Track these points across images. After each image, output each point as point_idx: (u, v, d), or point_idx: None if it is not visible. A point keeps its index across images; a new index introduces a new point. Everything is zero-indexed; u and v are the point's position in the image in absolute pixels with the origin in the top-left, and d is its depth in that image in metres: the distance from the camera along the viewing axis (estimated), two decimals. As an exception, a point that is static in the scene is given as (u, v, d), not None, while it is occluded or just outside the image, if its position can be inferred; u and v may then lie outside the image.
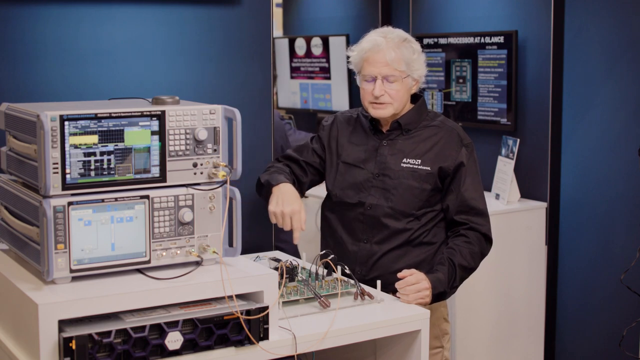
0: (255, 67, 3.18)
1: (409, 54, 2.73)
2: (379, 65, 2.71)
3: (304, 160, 2.89)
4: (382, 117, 2.76)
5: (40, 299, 1.92)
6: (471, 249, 2.69)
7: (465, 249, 2.68)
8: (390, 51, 2.70)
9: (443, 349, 2.82)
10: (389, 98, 2.72)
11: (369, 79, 2.73)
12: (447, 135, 2.78)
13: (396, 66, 2.70)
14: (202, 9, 3.06)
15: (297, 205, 2.63)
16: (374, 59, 2.71)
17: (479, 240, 2.72)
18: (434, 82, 4.69)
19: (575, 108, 4.05)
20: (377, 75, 2.71)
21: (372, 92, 2.72)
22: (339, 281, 2.53)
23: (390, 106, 2.74)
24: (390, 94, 2.72)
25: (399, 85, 2.72)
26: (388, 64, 2.70)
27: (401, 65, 2.71)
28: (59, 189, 2.00)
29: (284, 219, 2.63)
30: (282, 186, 2.70)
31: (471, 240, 2.70)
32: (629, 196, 3.84)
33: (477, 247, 2.71)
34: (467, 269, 2.69)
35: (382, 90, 2.71)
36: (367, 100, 2.76)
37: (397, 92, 2.72)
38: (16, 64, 2.78)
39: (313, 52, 5.84)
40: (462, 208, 2.73)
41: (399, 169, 2.75)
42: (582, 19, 3.99)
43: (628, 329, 3.46)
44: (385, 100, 2.73)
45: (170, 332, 1.98)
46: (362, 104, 2.80)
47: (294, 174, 2.86)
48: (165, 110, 2.12)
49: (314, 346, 2.23)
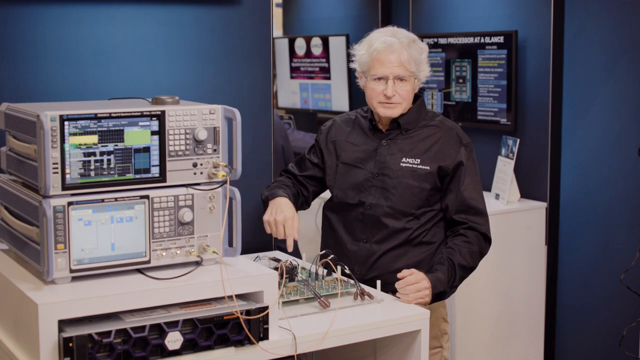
0: (255, 67, 3.18)
1: (417, 54, 2.75)
2: (392, 65, 2.71)
3: (302, 175, 2.92)
4: (391, 116, 2.77)
5: (40, 299, 1.92)
6: (470, 249, 2.69)
7: (465, 249, 2.68)
8: (403, 51, 2.71)
9: (442, 349, 2.82)
10: (399, 98, 2.74)
11: (380, 77, 2.73)
12: (446, 135, 2.78)
13: (408, 66, 2.72)
14: (202, 9, 3.06)
15: (289, 213, 2.66)
16: (387, 59, 2.72)
17: (478, 239, 2.72)
18: (433, 82, 4.69)
19: (575, 108, 4.05)
20: (389, 75, 2.72)
21: (384, 92, 2.73)
22: (339, 281, 2.53)
23: (399, 106, 2.75)
24: (401, 95, 2.73)
25: (408, 85, 2.74)
26: (402, 64, 2.71)
27: (412, 66, 2.73)
28: (58, 189, 2.00)
29: (277, 226, 2.65)
30: (278, 199, 2.74)
31: (470, 239, 2.71)
32: (629, 196, 3.84)
33: (477, 246, 2.71)
34: (467, 268, 2.69)
35: (394, 91, 2.72)
36: (376, 100, 2.76)
37: (408, 93, 2.74)
38: (16, 64, 2.78)
39: (313, 52, 5.84)
40: (461, 207, 2.73)
41: (398, 169, 2.75)
42: (582, 19, 3.99)
43: (628, 329, 3.46)
44: (396, 101, 2.74)
45: (170, 332, 1.98)
46: (369, 104, 2.80)
47: (296, 187, 2.90)
48: (165, 110, 2.12)
49: (313, 346, 2.23)
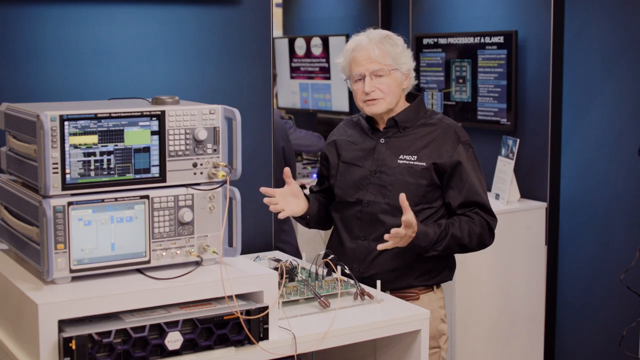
0: (255, 67, 3.18)
1: (392, 48, 2.78)
2: (365, 62, 2.75)
3: (321, 189, 2.98)
4: (376, 113, 2.79)
5: (40, 299, 1.92)
6: (471, 227, 2.70)
7: (465, 225, 2.69)
8: (373, 47, 2.76)
9: (440, 350, 2.82)
10: (380, 93, 2.76)
11: (358, 78, 2.77)
12: (444, 132, 2.79)
13: (382, 61, 2.75)
14: (202, 9, 3.06)
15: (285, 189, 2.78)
16: (360, 58, 2.77)
17: (482, 225, 2.72)
18: (433, 82, 4.69)
19: (575, 108, 4.05)
20: (365, 72, 2.75)
21: (363, 90, 2.75)
22: (339, 281, 2.53)
23: (382, 101, 2.77)
24: (381, 89, 2.76)
25: (387, 79, 2.76)
26: (373, 60, 2.75)
27: (387, 59, 2.75)
28: (58, 189, 2.00)
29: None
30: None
31: (475, 220, 2.71)
32: (628, 196, 3.84)
33: (478, 229, 2.71)
34: (460, 243, 2.69)
35: (372, 86, 2.75)
36: (360, 100, 2.80)
37: (388, 87, 2.76)
38: (16, 64, 2.78)
39: (313, 52, 5.84)
40: (465, 203, 2.73)
41: (396, 166, 2.76)
42: (582, 19, 3.99)
43: (628, 329, 3.46)
44: (377, 96, 2.76)
45: (170, 332, 1.98)
46: (357, 106, 2.83)
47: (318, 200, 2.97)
48: (165, 110, 2.12)
49: (313, 346, 2.23)
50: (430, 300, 2.79)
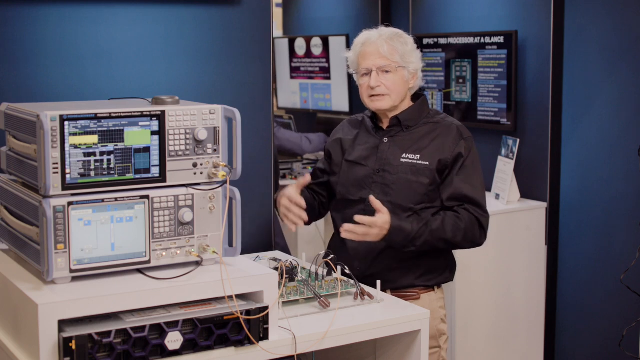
0: (255, 67, 3.18)
1: (401, 46, 2.78)
2: (373, 57, 2.76)
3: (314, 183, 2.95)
4: (380, 109, 2.79)
5: (40, 299, 1.92)
6: (456, 222, 2.68)
7: (450, 220, 2.68)
8: (382, 44, 2.76)
9: (440, 349, 2.82)
10: (385, 89, 2.76)
11: (365, 72, 2.78)
12: (446, 130, 2.79)
13: (390, 57, 2.76)
14: (202, 9, 3.06)
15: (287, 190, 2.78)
16: (368, 53, 2.77)
17: (471, 220, 2.70)
18: (434, 82, 4.69)
19: (575, 108, 4.05)
20: (372, 67, 2.76)
21: (369, 84, 2.76)
22: (339, 281, 2.53)
23: (387, 97, 2.77)
24: (387, 85, 2.76)
25: (394, 76, 2.76)
26: (382, 55, 2.76)
27: (395, 57, 2.76)
28: (59, 189, 2.00)
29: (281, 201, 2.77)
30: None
31: (461, 216, 2.70)
32: (628, 196, 3.84)
33: (464, 224, 2.69)
34: (442, 238, 2.68)
35: (378, 82, 2.76)
36: (365, 95, 2.81)
37: (393, 83, 2.76)
38: (16, 64, 2.78)
39: (313, 52, 5.84)
40: (454, 196, 2.72)
41: (399, 164, 2.76)
42: (582, 19, 3.99)
43: (628, 329, 3.47)
44: (382, 92, 2.76)
45: (170, 332, 1.98)
46: (362, 101, 2.83)
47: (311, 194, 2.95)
48: (165, 110, 2.12)
49: (313, 346, 2.23)
50: (431, 300, 2.79)
